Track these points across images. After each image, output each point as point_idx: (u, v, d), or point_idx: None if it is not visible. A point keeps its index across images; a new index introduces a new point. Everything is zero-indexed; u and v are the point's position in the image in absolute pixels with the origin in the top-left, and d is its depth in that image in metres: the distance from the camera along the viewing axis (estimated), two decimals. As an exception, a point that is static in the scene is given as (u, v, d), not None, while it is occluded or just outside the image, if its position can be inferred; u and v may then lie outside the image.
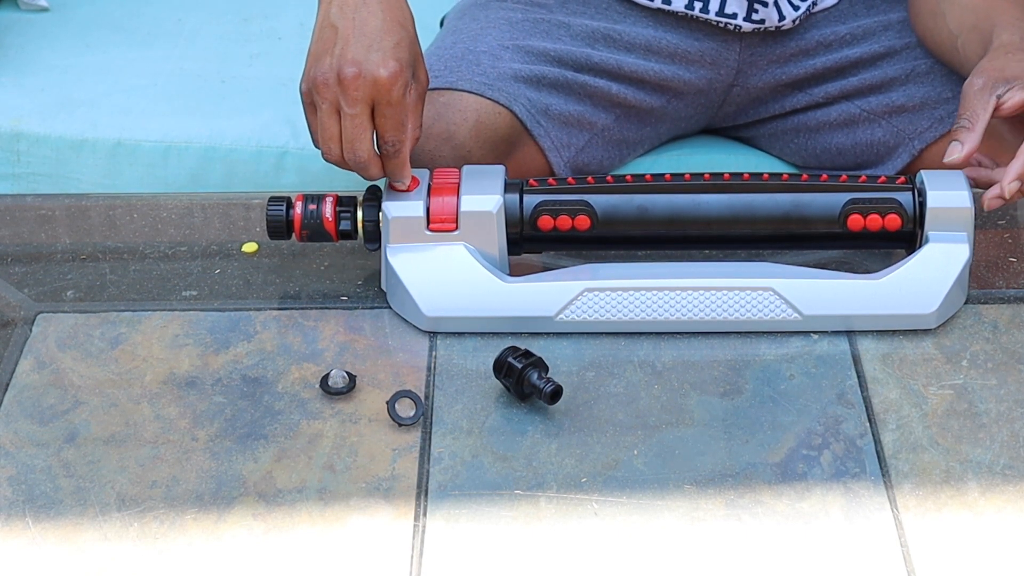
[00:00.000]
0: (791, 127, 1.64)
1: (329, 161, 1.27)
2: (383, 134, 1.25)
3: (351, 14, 1.26)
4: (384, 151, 1.26)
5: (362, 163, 1.26)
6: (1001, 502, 1.12)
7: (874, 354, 1.25)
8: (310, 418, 1.20)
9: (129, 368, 1.25)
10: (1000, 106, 1.31)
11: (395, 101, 1.24)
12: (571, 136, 1.57)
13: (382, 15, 1.26)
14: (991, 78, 1.31)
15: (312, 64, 1.26)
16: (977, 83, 1.32)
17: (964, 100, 1.32)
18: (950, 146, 1.30)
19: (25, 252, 1.40)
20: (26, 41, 1.80)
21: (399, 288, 1.29)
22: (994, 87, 1.31)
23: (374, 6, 1.26)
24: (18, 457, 1.16)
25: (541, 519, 1.11)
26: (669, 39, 1.59)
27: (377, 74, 1.23)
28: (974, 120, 1.30)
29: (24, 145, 1.67)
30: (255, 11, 1.89)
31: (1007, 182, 1.28)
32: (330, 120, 1.25)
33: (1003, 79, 1.31)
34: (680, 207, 1.30)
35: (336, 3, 1.27)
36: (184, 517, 1.11)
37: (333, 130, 1.25)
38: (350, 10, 1.26)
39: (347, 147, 1.25)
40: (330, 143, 1.26)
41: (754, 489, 1.13)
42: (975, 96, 1.31)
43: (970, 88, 1.32)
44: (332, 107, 1.25)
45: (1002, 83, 1.31)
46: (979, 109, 1.30)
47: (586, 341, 1.27)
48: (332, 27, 1.26)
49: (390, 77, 1.23)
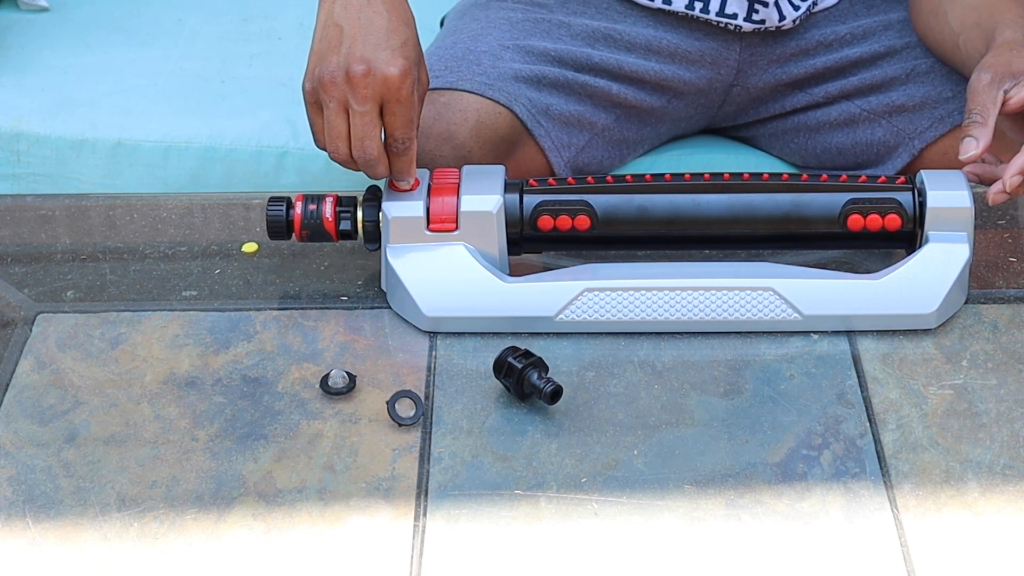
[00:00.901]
0: (791, 127, 1.64)
1: (335, 160, 1.27)
2: (393, 132, 1.25)
3: (356, 13, 1.26)
4: (394, 149, 1.26)
5: (371, 160, 1.26)
6: (1001, 502, 1.12)
7: (874, 354, 1.25)
8: (310, 418, 1.20)
9: (129, 368, 1.25)
10: (1007, 101, 1.31)
11: (405, 99, 1.24)
12: (571, 136, 1.57)
13: (387, 15, 1.26)
14: (998, 73, 1.31)
15: (317, 62, 1.25)
16: (985, 78, 1.31)
17: (973, 95, 1.31)
18: (964, 142, 1.30)
19: (25, 252, 1.40)
20: (26, 41, 1.80)
21: (399, 288, 1.29)
22: (1001, 82, 1.31)
23: (379, 6, 1.26)
24: (18, 457, 1.16)
25: (541, 519, 1.11)
26: (669, 39, 1.59)
27: (387, 72, 1.23)
28: (985, 115, 1.30)
29: (24, 145, 1.67)
30: (255, 11, 1.89)
31: (1009, 176, 1.28)
32: (338, 118, 1.25)
33: (1010, 74, 1.31)
34: (680, 207, 1.30)
35: (340, 3, 1.27)
36: (184, 517, 1.11)
37: (341, 128, 1.25)
38: (355, 10, 1.26)
39: (356, 145, 1.25)
40: (338, 142, 1.26)
41: (754, 489, 1.13)
42: (984, 91, 1.31)
43: (978, 83, 1.31)
44: (340, 105, 1.24)
45: (1009, 78, 1.31)
46: (989, 104, 1.30)
47: (586, 341, 1.27)
48: (337, 26, 1.26)
49: (400, 75, 1.23)
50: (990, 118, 1.30)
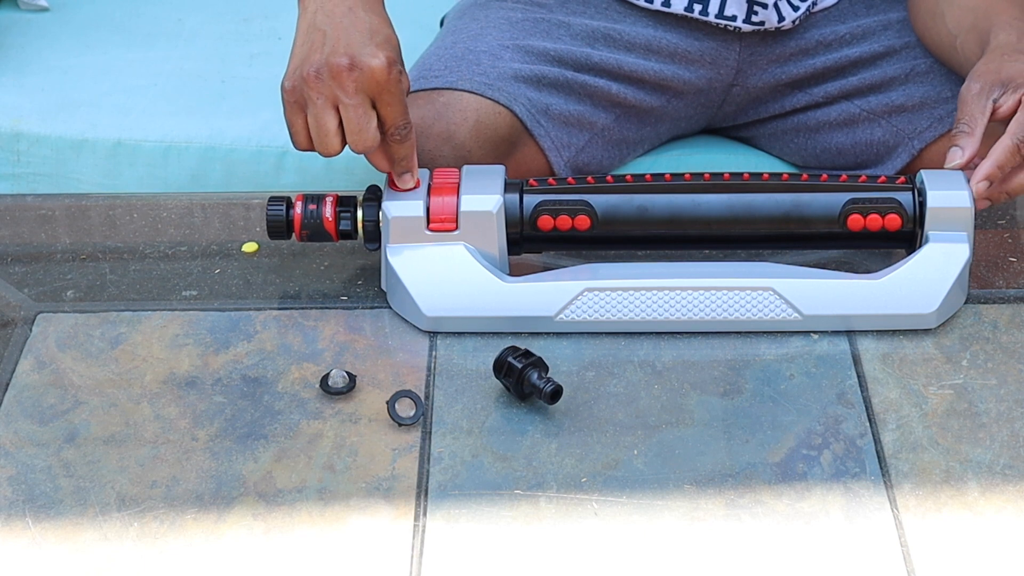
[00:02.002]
0: (791, 127, 1.64)
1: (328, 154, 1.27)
2: (391, 121, 1.26)
3: (339, 19, 1.27)
4: (396, 138, 1.27)
5: (369, 149, 1.26)
6: (1001, 502, 1.12)
7: (874, 354, 1.25)
8: (310, 418, 1.20)
9: (129, 368, 1.25)
10: (997, 109, 1.31)
11: (394, 87, 1.25)
12: (571, 136, 1.57)
13: (369, 21, 1.27)
14: (987, 82, 1.31)
15: (299, 63, 1.26)
16: (974, 87, 1.32)
17: (962, 105, 1.32)
18: (950, 152, 1.30)
19: (25, 252, 1.40)
20: (26, 41, 1.80)
21: (399, 288, 1.29)
22: (990, 91, 1.31)
23: (361, 13, 1.28)
24: (18, 457, 1.16)
25: (541, 519, 1.11)
26: (669, 39, 1.59)
27: (371, 63, 1.24)
28: (973, 124, 1.30)
29: (24, 145, 1.67)
30: (255, 11, 1.89)
31: (975, 182, 1.28)
32: (326, 114, 1.25)
33: (999, 82, 1.31)
34: (680, 207, 1.30)
35: (322, 10, 1.28)
36: (184, 517, 1.11)
37: (330, 124, 1.25)
38: (338, 16, 1.27)
39: (353, 138, 1.25)
40: (326, 137, 1.26)
41: (754, 489, 1.13)
42: (972, 100, 1.31)
43: (967, 93, 1.32)
44: (328, 101, 1.25)
45: (998, 86, 1.31)
46: (977, 113, 1.30)
47: (586, 341, 1.27)
48: (319, 30, 1.27)
49: (385, 64, 1.24)
50: (977, 128, 1.30)
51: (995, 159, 1.28)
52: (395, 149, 1.28)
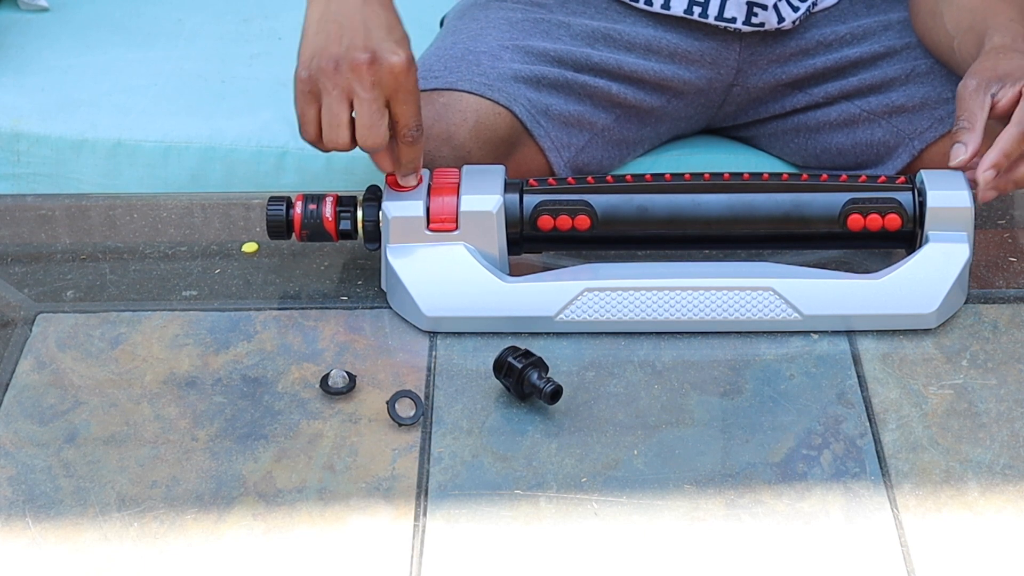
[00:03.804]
0: (791, 127, 1.64)
1: (330, 148, 1.27)
2: (404, 121, 1.26)
3: (354, 12, 1.26)
4: (408, 139, 1.26)
5: (379, 146, 1.26)
6: (1001, 502, 1.12)
7: (874, 354, 1.25)
8: (310, 418, 1.20)
9: (129, 368, 1.25)
10: (996, 104, 1.31)
11: (412, 88, 1.25)
12: (571, 136, 1.57)
13: (385, 17, 1.27)
14: (984, 78, 1.31)
15: (316, 53, 1.25)
16: (971, 84, 1.32)
17: (960, 102, 1.32)
18: (953, 148, 1.30)
19: (25, 252, 1.40)
20: (26, 41, 1.80)
21: (399, 288, 1.29)
22: (988, 86, 1.31)
23: (376, 7, 1.27)
24: (18, 457, 1.16)
25: (541, 519, 1.11)
26: (669, 39, 1.59)
27: (393, 61, 1.24)
28: (973, 120, 1.30)
29: (24, 145, 1.67)
30: (255, 11, 1.89)
31: (981, 171, 1.27)
32: (339, 106, 1.25)
33: (996, 77, 1.31)
34: (680, 207, 1.30)
35: (336, 2, 1.27)
36: (184, 517, 1.11)
37: (342, 116, 1.25)
38: (353, 8, 1.27)
39: (364, 133, 1.25)
40: (337, 129, 1.26)
41: (754, 489, 1.13)
42: (970, 97, 1.31)
43: (964, 90, 1.32)
44: (343, 93, 1.24)
45: (995, 81, 1.31)
46: (976, 109, 1.30)
47: (586, 341, 1.27)
48: (334, 22, 1.26)
49: (406, 63, 1.24)
50: (978, 123, 1.30)
51: (1001, 147, 1.27)
52: (404, 151, 1.27)
